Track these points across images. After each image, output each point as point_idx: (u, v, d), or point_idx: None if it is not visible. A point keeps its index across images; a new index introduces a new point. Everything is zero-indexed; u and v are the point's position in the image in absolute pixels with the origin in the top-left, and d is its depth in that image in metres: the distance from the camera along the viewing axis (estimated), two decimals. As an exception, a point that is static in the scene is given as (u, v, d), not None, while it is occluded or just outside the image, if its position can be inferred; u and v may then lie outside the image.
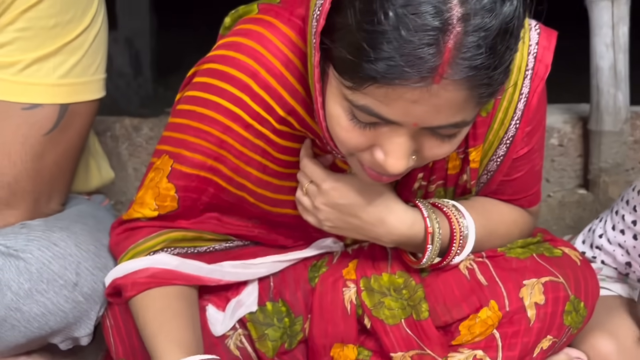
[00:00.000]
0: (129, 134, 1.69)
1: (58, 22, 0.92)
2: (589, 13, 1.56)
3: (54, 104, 0.95)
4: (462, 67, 0.61)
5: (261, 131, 0.84)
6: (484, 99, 0.66)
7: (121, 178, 1.70)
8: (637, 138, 1.71)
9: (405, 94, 0.62)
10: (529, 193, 0.99)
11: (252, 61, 0.80)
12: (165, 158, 0.88)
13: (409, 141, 0.69)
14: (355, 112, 0.68)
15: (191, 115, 0.85)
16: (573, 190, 1.74)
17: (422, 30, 0.59)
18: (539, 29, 0.86)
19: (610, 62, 1.56)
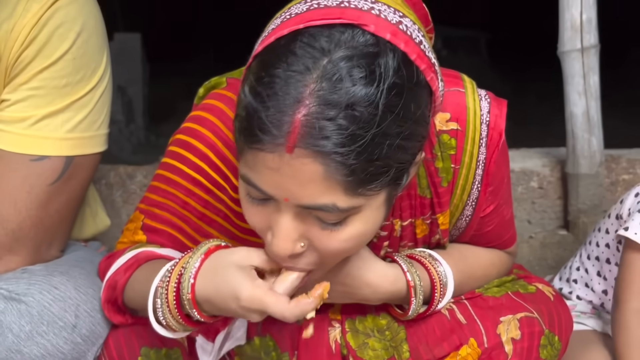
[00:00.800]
0: (123, 182, 1.74)
1: (69, 81, 0.99)
2: (561, 63, 1.64)
3: (60, 156, 1.01)
4: (311, 138, 0.63)
5: (221, 197, 0.91)
6: (353, 186, 0.65)
7: (115, 225, 1.73)
8: (613, 180, 1.78)
9: (265, 160, 0.65)
10: (503, 239, 1.04)
11: (211, 134, 0.88)
12: (136, 213, 0.97)
13: (292, 222, 0.69)
14: (246, 187, 0.71)
15: (161, 179, 0.94)
16: (554, 231, 1.80)
17: (275, 102, 0.63)
18: (489, 99, 0.90)
19: (583, 109, 1.64)
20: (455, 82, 0.89)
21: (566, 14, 1.59)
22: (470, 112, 0.88)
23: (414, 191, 0.92)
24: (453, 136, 0.88)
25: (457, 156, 0.89)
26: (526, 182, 1.78)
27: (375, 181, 0.67)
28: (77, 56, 0.99)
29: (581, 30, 1.59)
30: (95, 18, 1.03)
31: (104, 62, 1.05)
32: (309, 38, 0.65)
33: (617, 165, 1.78)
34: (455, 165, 0.90)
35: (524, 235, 1.79)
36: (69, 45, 0.98)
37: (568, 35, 1.60)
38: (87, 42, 1.01)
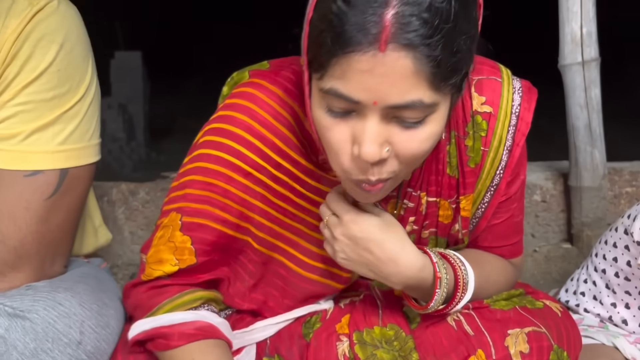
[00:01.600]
0: (125, 199, 1.74)
1: (56, 94, 0.99)
2: (562, 77, 1.65)
3: (55, 170, 1.00)
4: (400, 34, 0.69)
5: (259, 178, 0.93)
6: (437, 78, 0.72)
7: (117, 241, 1.73)
8: (616, 193, 1.78)
9: (358, 64, 0.70)
10: (509, 242, 1.05)
11: (246, 117, 0.91)
12: (172, 215, 0.94)
13: (378, 126, 0.75)
14: (327, 102, 0.76)
15: (196, 171, 0.93)
16: (558, 245, 1.79)
17: (365, 5, 0.69)
18: (522, 92, 0.96)
19: (585, 121, 1.65)
20: (493, 71, 0.96)
21: (566, 27, 1.60)
22: (504, 100, 0.95)
23: (443, 167, 0.95)
24: (485, 119, 0.94)
25: (487, 138, 0.95)
26: (529, 196, 1.78)
27: (453, 76, 0.74)
28: (61, 68, 0.99)
29: (582, 44, 1.59)
30: (77, 28, 1.03)
31: (89, 72, 1.05)
32: None
33: (619, 178, 1.78)
34: (484, 148, 0.95)
35: (528, 249, 1.78)
36: (52, 58, 0.98)
37: (569, 48, 1.61)
38: (71, 53, 1.00)
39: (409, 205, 0.98)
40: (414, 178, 0.96)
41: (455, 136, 0.95)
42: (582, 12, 1.57)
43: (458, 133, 0.94)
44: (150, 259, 0.95)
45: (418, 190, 0.97)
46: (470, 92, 0.94)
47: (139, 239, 1.75)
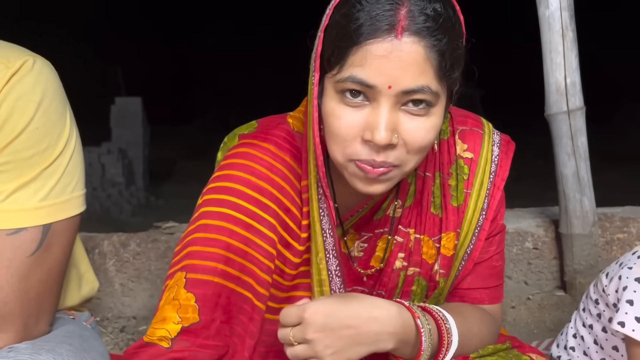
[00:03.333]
0: (116, 250, 1.73)
1: (36, 151, 0.99)
2: (549, 125, 1.67)
3: (37, 226, 0.99)
4: (413, 24, 0.83)
5: (259, 229, 0.95)
6: (441, 68, 0.84)
7: (108, 294, 1.72)
8: (608, 239, 1.77)
9: (377, 50, 0.83)
10: (488, 286, 1.07)
11: (242, 173, 0.96)
12: (177, 275, 0.94)
13: (390, 113, 0.85)
14: (344, 91, 0.86)
15: (198, 229, 0.96)
16: (551, 293, 1.78)
17: (383, 4, 0.83)
18: (500, 145, 1.07)
19: (573, 169, 1.66)
20: (476, 124, 1.08)
21: (550, 77, 1.63)
22: (484, 149, 1.06)
23: (427, 205, 1.04)
24: (467, 163, 1.05)
25: (469, 181, 1.04)
26: (521, 243, 1.78)
27: (452, 72, 0.86)
28: (39, 125, 0.99)
29: (566, 93, 1.62)
30: (53, 84, 1.04)
31: (67, 124, 1.05)
32: None
33: (611, 224, 1.78)
34: (467, 190, 1.04)
35: (522, 297, 1.77)
36: (30, 116, 0.98)
37: (554, 98, 1.64)
38: (49, 109, 1.01)
39: (399, 240, 1.04)
40: (404, 215, 1.04)
41: (440, 176, 1.04)
42: (565, 63, 1.60)
43: (443, 174, 1.04)
44: (154, 320, 0.94)
45: (407, 227, 1.04)
46: (454, 138, 1.05)
47: (130, 291, 1.74)
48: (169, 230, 1.81)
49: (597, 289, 1.21)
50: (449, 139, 1.05)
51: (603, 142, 2.49)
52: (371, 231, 1.05)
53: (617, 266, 1.16)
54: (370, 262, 1.06)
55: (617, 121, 9.71)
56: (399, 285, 1.04)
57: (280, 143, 0.99)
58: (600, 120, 1.85)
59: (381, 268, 1.05)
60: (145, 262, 1.73)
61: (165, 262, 1.73)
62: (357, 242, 1.06)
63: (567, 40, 1.60)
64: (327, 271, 0.97)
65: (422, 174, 1.04)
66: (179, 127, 11.54)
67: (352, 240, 1.06)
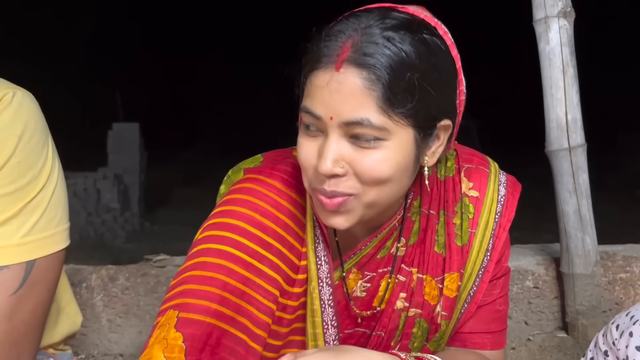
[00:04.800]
0: (104, 285, 1.68)
1: (18, 186, 0.96)
2: (550, 162, 1.64)
3: (20, 263, 0.95)
4: (354, 57, 0.82)
5: (260, 269, 0.91)
6: (384, 102, 0.81)
7: (94, 330, 1.67)
8: (610, 279, 1.73)
9: (317, 80, 0.83)
10: (491, 330, 1.03)
11: (246, 209, 0.92)
12: (169, 313, 0.90)
13: (334, 144, 0.85)
14: (304, 121, 0.87)
15: (195, 267, 0.91)
16: (552, 334, 1.73)
17: (333, 37, 0.84)
18: (507, 185, 1.04)
19: (575, 207, 1.62)
20: (482, 163, 1.05)
21: (551, 114, 1.61)
22: (490, 189, 1.03)
23: (431, 243, 1.00)
24: (472, 202, 1.01)
25: (474, 220, 1.01)
26: (521, 282, 1.73)
27: (403, 105, 0.82)
28: (21, 159, 0.96)
29: (567, 130, 1.59)
30: (34, 116, 1.00)
31: (49, 157, 1.02)
32: (366, 11, 0.86)
33: (613, 264, 1.74)
34: (472, 230, 1.00)
35: (522, 337, 1.72)
36: (11, 151, 0.95)
37: (555, 134, 1.61)
38: (30, 142, 0.98)
39: (401, 279, 1.00)
40: (408, 254, 1.00)
41: (445, 214, 1.00)
42: (566, 99, 1.58)
43: (447, 212, 1.00)
44: (140, 358, 0.89)
45: (410, 266, 1.00)
46: (460, 176, 1.02)
47: (117, 327, 1.68)
48: (159, 263, 1.76)
49: (606, 341, 1.16)
50: (455, 177, 1.03)
51: (599, 174, 2.48)
52: (374, 270, 1.02)
53: (629, 320, 1.11)
54: (372, 302, 1.03)
55: (612, 153, 9.75)
56: (400, 327, 1.01)
57: (287, 179, 0.97)
58: (596, 152, 1.83)
59: (382, 309, 1.01)
60: (134, 297, 1.68)
61: (155, 298, 1.68)
62: (360, 282, 1.03)
63: (568, 76, 1.58)
64: (320, 301, 0.96)
65: (427, 211, 1.01)
66: (177, 153, 11.54)
67: (355, 280, 1.02)
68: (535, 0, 1.60)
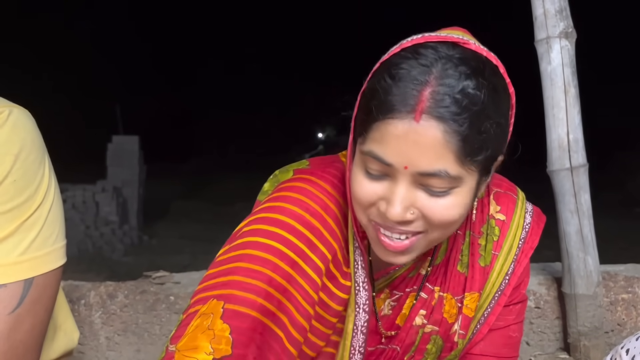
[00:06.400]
0: (103, 302, 1.67)
1: (14, 205, 0.95)
2: (551, 182, 1.63)
3: (18, 281, 0.95)
4: (434, 109, 0.80)
5: (304, 269, 0.91)
6: (463, 153, 0.81)
7: (92, 347, 1.65)
8: (612, 300, 1.72)
9: (394, 129, 0.81)
10: (500, 355, 1.04)
11: (297, 208, 0.93)
12: (213, 302, 0.88)
13: (406, 191, 0.84)
14: (366, 163, 0.85)
15: (242, 258, 0.90)
16: (554, 355, 1.71)
17: (407, 82, 0.81)
18: (533, 214, 1.07)
19: (576, 227, 1.61)
20: (511, 189, 1.08)
21: (553, 133, 1.60)
22: (517, 215, 1.05)
23: (454, 262, 1.02)
24: (499, 225, 1.03)
25: (498, 243, 1.02)
26: (522, 302, 1.72)
27: (478, 154, 0.82)
28: (17, 178, 0.96)
29: (569, 150, 1.59)
30: (31, 134, 1.00)
31: (46, 175, 1.01)
32: (430, 48, 0.84)
33: (615, 284, 1.73)
34: (495, 252, 1.02)
35: (523, 358, 1.70)
36: (8, 170, 0.95)
37: (556, 154, 1.60)
38: (26, 161, 0.97)
39: (423, 296, 1.02)
40: (433, 272, 1.02)
41: (470, 235, 1.02)
42: (567, 119, 1.58)
43: (473, 232, 1.02)
44: (183, 347, 0.86)
45: (434, 285, 1.03)
46: (489, 198, 1.05)
47: (116, 345, 1.67)
48: (159, 280, 1.74)
49: None
50: (483, 199, 1.05)
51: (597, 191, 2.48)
52: (403, 290, 1.04)
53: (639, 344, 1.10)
54: (396, 320, 1.05)
55: (611, 170, 9.74)
56: (416, 343, 1.03)
57: (336, 183, 0.98)
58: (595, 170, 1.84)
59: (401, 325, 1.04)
60: (132, 314, 1.66)
61: (154, 315, 1.66)
62: (388, 300, 1.04)
63: (570, 96, 1.58)
64: (354, 326, 0.97)
65: (455, 231, 1.01)
66: (175, 167, 11.52)
67: (383, 299, 1.04)
68: (537, 20, 1.60)
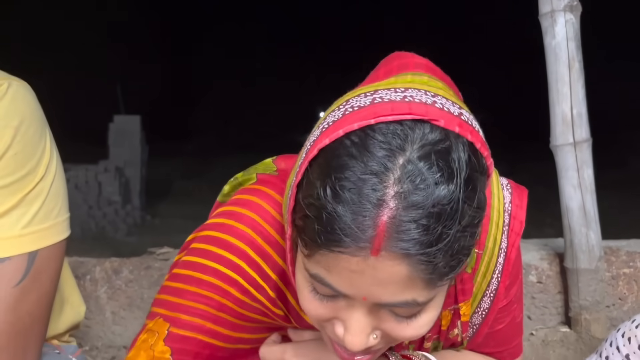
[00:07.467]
0: (108, 277, 1.68)
1: (16, 178, 0.95)
2: (554, 157, 1.64)
3: (22, 254, 0.95)
4: (396, 241, 0.61)
5: (257, 297, 0.85)
6: (434, 280, 0.65)
7: (98, 322, 1.67)
8: (614, 274, 1.73)
9: (347, 263, 0.63)
10: (511, 345, 0.99)
11: (250, 230, 0.83)
12: (159, 321, 0.87)
13: (366, 317, 0.68)
14: (313, 283, 0.69)
15: (189, 280, 0.85)
16: (555, 329, 1.73)
17: (359, 205, 0.61)
18: (511, 188, 0.91)
19: (579, 202, 1.62)
20: None
21: (557, 108, 1.60)
22: (495, 198, 0.88)
23: None
24: None
25: (480, 240, 0.87)
26: (525, 277, 1.73)
27: (453, 272, 0.66)
28: (18, 151, 0.96)
29: (572, 125, 1.59)
30: (31, 107, 1.00)
31: (47, 148, 1.01)
32: (382, 135, 0.64)
33: (616, 259, 1.74)
34: (478, 251, 0.88)
35: (525, 332, 1.72)
36: (8, 143, 0.95)
37: (560, 129, 1.60)
38: (27, 133, 0.97)
39: None
40: None
41: None
42: (571, 94, 1.57)
43: None
44: (129, 358, 0.88)
45: None
46: None
47: (121, 319, 1.69)
48: (163, 256, 1.76)
49: (629, 344, 1.15)
50: None
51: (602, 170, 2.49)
52: None
53: None
54: None
55: (615, 149, 9.71)
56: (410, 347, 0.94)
57: None
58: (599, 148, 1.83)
59: None
60: (137, 289, 1.68)
61: (158, 290, 1.68)
62: None
63: (574, 71, 1.57)
64: None
65: None
66: (177, 146, 11.51)
67: None
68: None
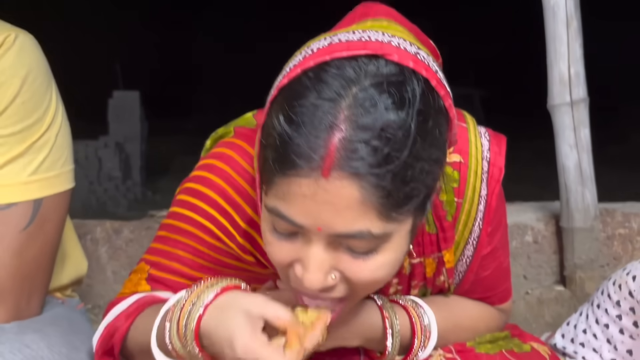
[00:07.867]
0: (109, 237, 1.71)
1: (24, 126, 0.98)
2: (551, 116, 1.65)
3: (28, 201, 0.98)
4: (346, 160, 0.64)
5: (228, 243, 0.90)
6: (387, 209, 0.66)
7: (100, 281, 1.70)
8: (609, 234, 1.75)
9: (299, 187, 0.65)
10: (499, 290, 1.01)
11: (221, 181, 0.88)
12: (142, 265, 0.94)
13: (324, 253, 0.69)
14: (272, 220, 0.71)
15: (169, 228, 0.92)
16: (550, 287, 1.76)
17: (311, 127, 0.65)
18: (489, 136, 0.92)
19: (575, 161, 1.63)
20: (459, 117, 0.90)
21: (554, 68, 1.61)
22: (472, 145, 0.90)
23: (422, 226, 0.88)
24: (456, 168, 0.89)
25: (460, 189, 0.89)
26: (520, 237, 1.75)
27: (407, 204, 0.67)
28: (26, 99, 0.98)
29: (570, 84, 1.60)
30: (37, 58, 1.02)
31: (53, 99, 1.04)
32: (337, 68, 0.67)
33: (612, 220, 1.76)
34: (458, 199, 0.90)
35: (520, 291, 1.75)
36: (16, 91, 0.97)
37: (557, 89, 1.61)
38: (34, 83, 0.99)
39: None
40: None
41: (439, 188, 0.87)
42: (569, 53, 1.58)
43: None
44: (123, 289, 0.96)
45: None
46: None
47: (122, 278, 1.71)
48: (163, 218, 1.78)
49: (619, 291, 1.17)
50: None
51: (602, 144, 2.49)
52: None
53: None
54: None
55: (616, 123, 9.67)
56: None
57: None
58: (600, 121, 1.84)
59: None
60: (138, 249, 1.70)
61: (159, 250, 1.70)
62: None
63: (572, 29, 1.58)
64: None
65: None
66: (178, 122, 11.50)
67: None
68: (540, -48, 1.59)
